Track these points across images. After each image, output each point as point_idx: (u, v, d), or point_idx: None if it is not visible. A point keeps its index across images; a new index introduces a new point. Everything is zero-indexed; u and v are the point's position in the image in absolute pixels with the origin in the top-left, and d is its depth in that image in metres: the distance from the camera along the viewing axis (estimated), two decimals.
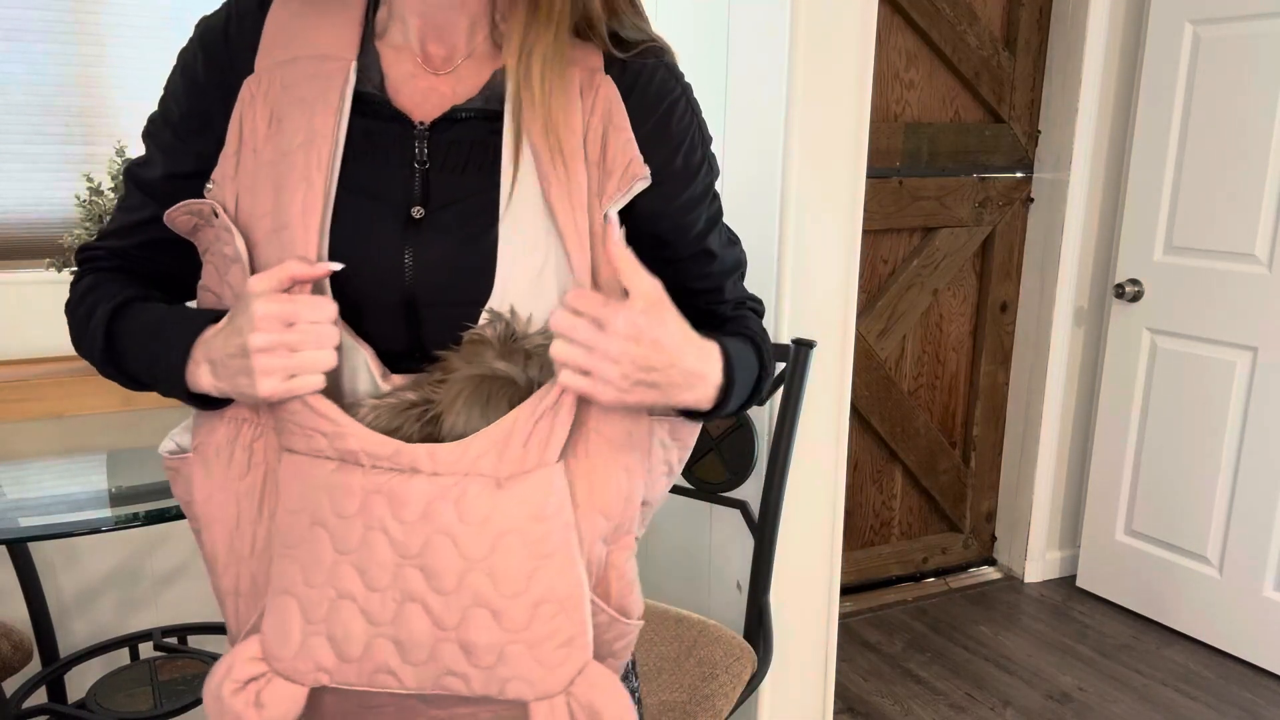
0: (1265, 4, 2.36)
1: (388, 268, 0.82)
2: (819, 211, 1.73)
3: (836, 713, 2.26)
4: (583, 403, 0.81)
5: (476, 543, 0.77)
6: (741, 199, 1.77)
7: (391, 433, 0.78)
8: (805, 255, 1.73)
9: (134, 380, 0.88)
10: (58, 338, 1.83)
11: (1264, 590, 2.50)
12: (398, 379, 0.83)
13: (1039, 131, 2.88)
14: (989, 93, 2.78)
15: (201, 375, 0.80)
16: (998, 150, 2.85)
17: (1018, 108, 2.84)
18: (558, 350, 0.76)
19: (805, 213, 1.71)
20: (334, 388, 0.81)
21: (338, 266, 0.79)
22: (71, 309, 0.90)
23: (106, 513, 1.30)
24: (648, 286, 0.78)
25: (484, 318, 0.81)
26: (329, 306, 0.77)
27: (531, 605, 0.79)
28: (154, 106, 0.90)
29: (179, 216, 0.85)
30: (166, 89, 0.89)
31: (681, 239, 0.92)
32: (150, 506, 1.29)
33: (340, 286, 0.81)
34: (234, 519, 0.84)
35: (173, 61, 0.90)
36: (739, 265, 0.99)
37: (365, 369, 0.82)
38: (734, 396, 0.87)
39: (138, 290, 0.89)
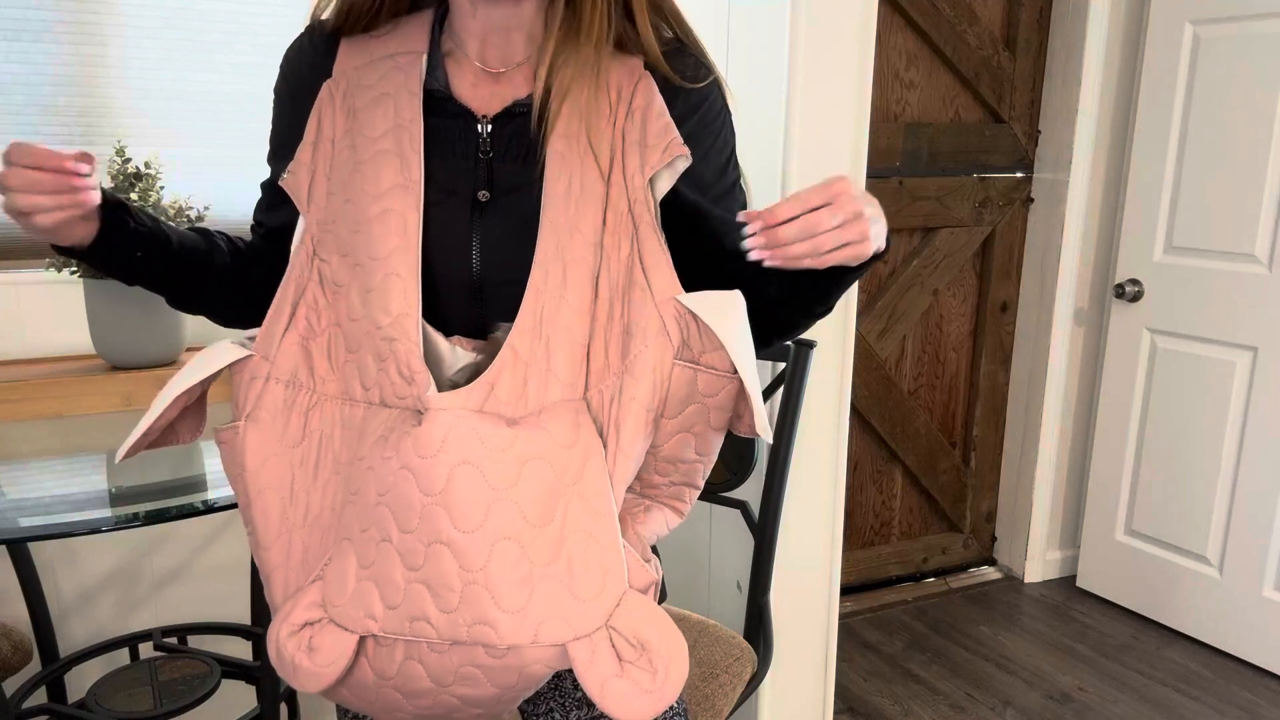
0: (1265, 4, 2.35)
1: (459, 254, 0.90)
2: None
3: (836, 713, 2.26)
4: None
5: (501, 471, 0.79)
6: None
7: None
8: None
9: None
10: (58, 338, 1.82)
11: (1264, 590, 2.50)
12: (466, 341, 0.90)
13: (1039, 131, 2.88)
14: (989, 93, 2.78)
15: None
16: (998, 150, 2.85)
17: (1018, 108, 2.84)
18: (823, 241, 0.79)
19: None
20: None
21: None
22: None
23: (106, 513, 1.30)
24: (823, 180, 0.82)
25: None
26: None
27: (559, 536, 0.79)
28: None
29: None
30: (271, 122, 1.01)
31: (716, 206, 1.00)
32: (150, 506, 1.29)
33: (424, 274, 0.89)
34: (288, 486, 0.87)
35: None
36: None
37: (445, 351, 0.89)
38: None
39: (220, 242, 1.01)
